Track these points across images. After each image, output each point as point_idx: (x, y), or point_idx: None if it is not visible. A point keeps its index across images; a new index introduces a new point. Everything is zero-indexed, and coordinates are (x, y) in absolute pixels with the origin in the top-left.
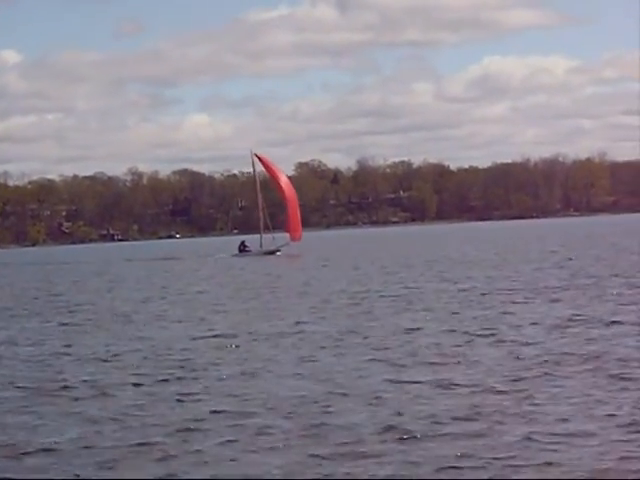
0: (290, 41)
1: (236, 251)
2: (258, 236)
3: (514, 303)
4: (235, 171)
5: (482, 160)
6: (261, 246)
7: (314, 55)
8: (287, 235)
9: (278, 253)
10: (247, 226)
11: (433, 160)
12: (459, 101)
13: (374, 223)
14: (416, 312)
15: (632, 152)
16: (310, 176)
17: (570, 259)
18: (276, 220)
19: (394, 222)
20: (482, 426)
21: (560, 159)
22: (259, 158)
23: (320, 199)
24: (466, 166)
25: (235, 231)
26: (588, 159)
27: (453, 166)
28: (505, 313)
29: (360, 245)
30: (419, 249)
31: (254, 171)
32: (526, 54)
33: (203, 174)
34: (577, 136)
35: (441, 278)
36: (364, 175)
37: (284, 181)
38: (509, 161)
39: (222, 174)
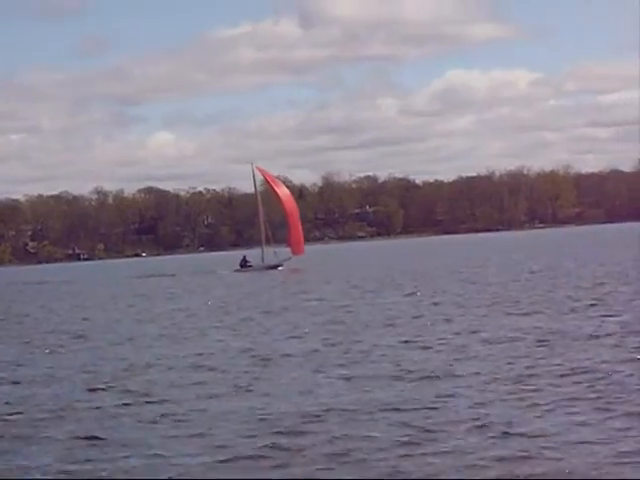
0: (254, 58)
1: (237, 266)
2: (259, 251)
3: (484, 316)
4: (200, 188)
5: (447, 174)
6: (263, 261)
7: (278, 72)
8: (289, 249)
9: (280, 268)
10: (213, 243)
11: (398, 175)
12: (423, 115)
13: (340, 238)
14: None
15: (596, 164)
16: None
17: (532, 272)
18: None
19: (360, 237)
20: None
21: (525, 172)
22: (259, 171)
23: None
24: (431, 180)
25: (201, 248)
26: (552, 171)
27: (418, 180)
28: (472, 327)
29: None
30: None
31: (255, 185)
32: (489, 68)
33: (168, 192)
34: (541, 149)
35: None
36: (330, 191)
37: (285, 194)
38: (474, 174)
39: (187, 192)
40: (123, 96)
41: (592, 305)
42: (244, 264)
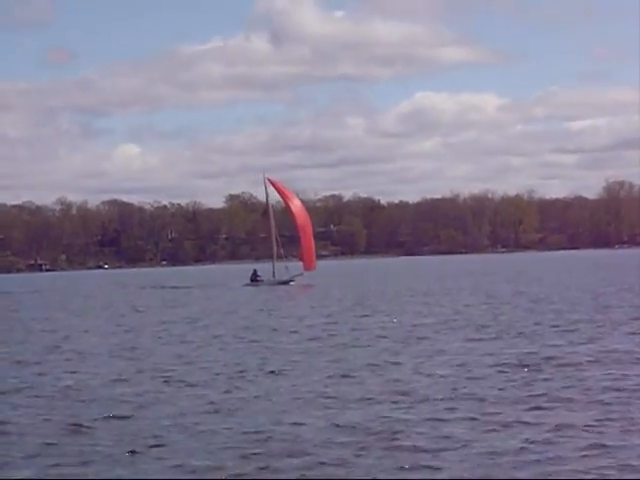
0: (223, 73)
1: (248, 280)
2: (270, 265)
3: (447, 342)
4: (165, 202)
5: (412, 195)
6: (274, 275)
7: (247, 88)
8: (300, 264)
9: (292, 283)
10: (176, 258)
11: (363, 194)
12: (391, 136)
13: (293, 257)
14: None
15: (561, 190)
16: (240, 209)
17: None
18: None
19: (324, 256)
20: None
21: (489, 195)
22: (272, 183)
23: (250, 232)
24: (396, 201)
25: (164, 262)
26: (517, 196)
27: (383, 201)
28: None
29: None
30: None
31: (267, 196)
32: (458, 91)
33: (132, 205)
34: (506, 173)
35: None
36: (294, 209)
37: (297, 207)
38: (439, 197)
39: (152, 205)
40: (90, 107)
41: (571, 331)
42: (255, 278)
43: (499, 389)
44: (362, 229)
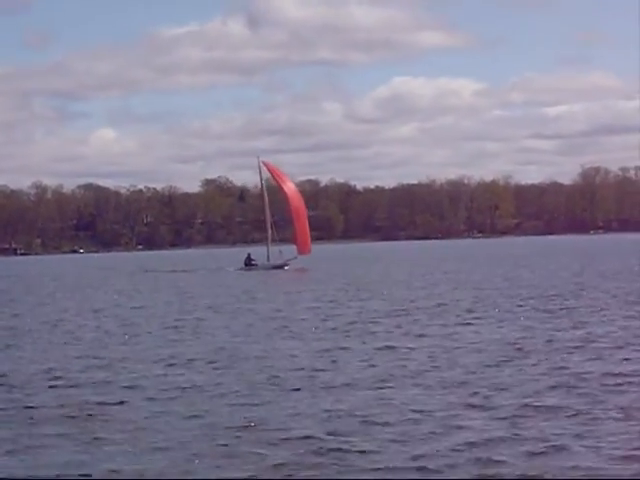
0: (200, 57)
1: (242, 265)
2: (265, 249)
3: (428, 325)
4: (141, 186)
5: (388, 180)
6: (268, 260)
7: (224, 72)
8: (294, 248)
9: (286, 267)
10: (152, 242)
11: (340, 179)
12: (368, 121)
13: (281, 240)
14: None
15: (536, 175)
16: (217, 193)
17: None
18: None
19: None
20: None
21: (465, 181)
22: (266, 165)
23: (226, 216)
24: (372, 186)
25: (140, 247)
26: (493, 181)
27: (360, 186)
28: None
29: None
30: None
31: (261, 180)
32: (435, 76)
33: (108, 189)
34: (483, 159)
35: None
36: (272, 193)
37: (291, 191)
38: (415, 182)
39: (128, 189)
40: (66, 91)
41: (557, 316)
42: (249, 262)
43: (487, 373)
44: (339, 214)
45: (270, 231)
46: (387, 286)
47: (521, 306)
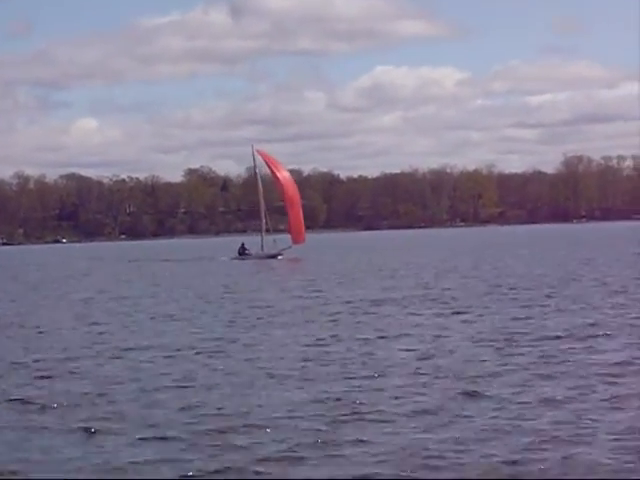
0: (182, 47)
1: (236, 254)
2: (259, 238)
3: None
4: (124, 176)
5: (371, 170)
6: (262, 249)
7: (206, 61)
8: (289, 237)
9: (280, 257)
10: (135, 232)
11: (323, 169)
12: (350, 110)
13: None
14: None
15: (519, 164)
16: (200, 183)
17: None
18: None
19: (283, 230)
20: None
21: (448, 170)
22: (261, 154)
23: (209, 206)
24: (355, 176)
25: (123, 236)
26: (475, 170)
27: (343, 175)
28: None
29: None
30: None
31: (255, 168)
32: (417, 65)
33: (91, 179)
34: (466, 148)
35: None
36: (254, 183)
37: (286, 179)
38: (398, 171)
39: (110, 179)
40: (48, 80)
41: (541, 305)
42: (242, 252)
43: (473, 363)
44: (322, 203)
45: (264, 220)
46: (376, 275)
47: (507, 295)
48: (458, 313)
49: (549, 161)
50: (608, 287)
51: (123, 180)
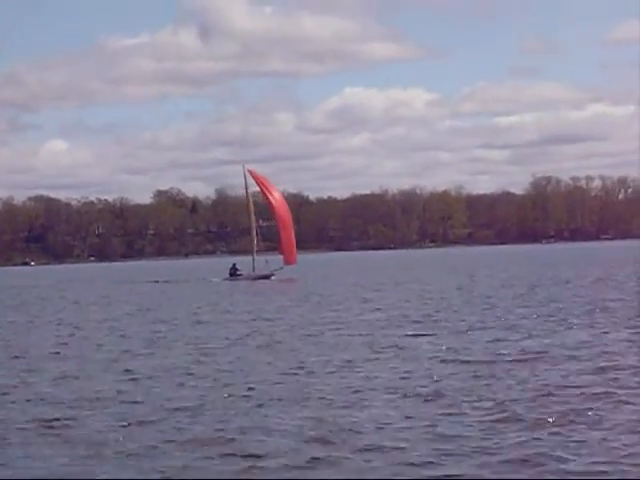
0: (151, 68)
1: (227, 275)
2: (250, 259)
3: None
4: (92, 198)
5: (341, 191)
6: (254, 270)
7: (176, 83)
8: (281, 258)
9: (273, 277)
10: (104, 254)
11: (293, 190)
12: (320, 132)
13: (233, 252)
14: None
15: (488, 185)
16: (169, 204)
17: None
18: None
19: (260, 251)
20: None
21: (417, 191)
22: (252, 174)
23: (178, 228)
24: (325, 197)
25: (92, 258)
26: (445, 191)
27: (312, 196)
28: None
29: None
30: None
31: (246, 189)
32: (387, 86)
33: (59, 200)
34: (435, 169)
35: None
36: (223, 204)
37: (278, 199)
38: (368, 192)
39: (79, 201)
40: (17, 102)
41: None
42: (234, 272)
43: (454, 384)
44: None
45: (255, 240)
46: (346, 297)
47: (477, 315)
48: (429, 335)
49: (518, 182)
50: (581, 308)
51: (92, 202)
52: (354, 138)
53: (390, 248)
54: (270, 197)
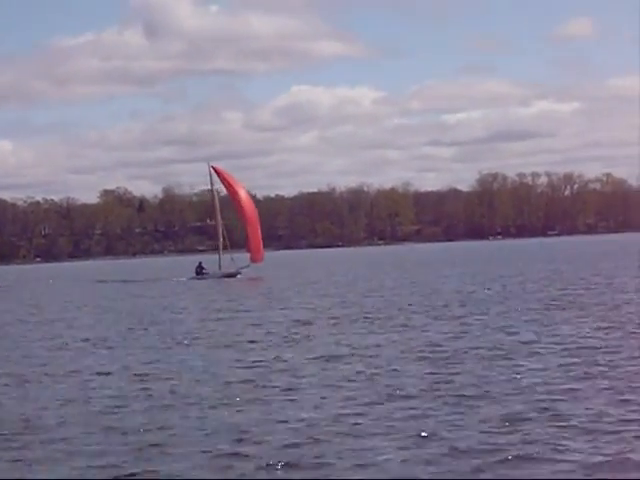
0: (97, 67)
1: (193, 274)
2: (216, 257)
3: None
4: (38, 198)
5: (289, 189)
6: (220, 268)
7: (122, 82)
8: (247, 256)
9: (239, 276)
10: (50, 254)
11: None
12: (268, 130)
13: (180, 251)
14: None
15: (435, 182)
16: (116, 204)
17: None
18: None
19: (200, 250)
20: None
21: (365, 189)
22: (217, 171)
23: (126, 227)
24: (273, 195)
25: (38, 259)
26: (392, 189)
27: (260, 195)
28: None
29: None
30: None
31: (212, 186)
32: (334, 85)
33: (5, 201)
34: (383, 166)
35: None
36: (170, 203)
37: (244, 197)
38: (315, 190)
39: (25, 201)
40: None
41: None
42: (200, 271)
43: (414, 383)
44: (238, 223)
45: (222, 239)
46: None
47: (430, 312)
48: (400, 331)
49: (465, 179)
50: (534, 304)
51: (38, 202)
52: (302, 136)
53: (338, 246)
54: (237, 196)
